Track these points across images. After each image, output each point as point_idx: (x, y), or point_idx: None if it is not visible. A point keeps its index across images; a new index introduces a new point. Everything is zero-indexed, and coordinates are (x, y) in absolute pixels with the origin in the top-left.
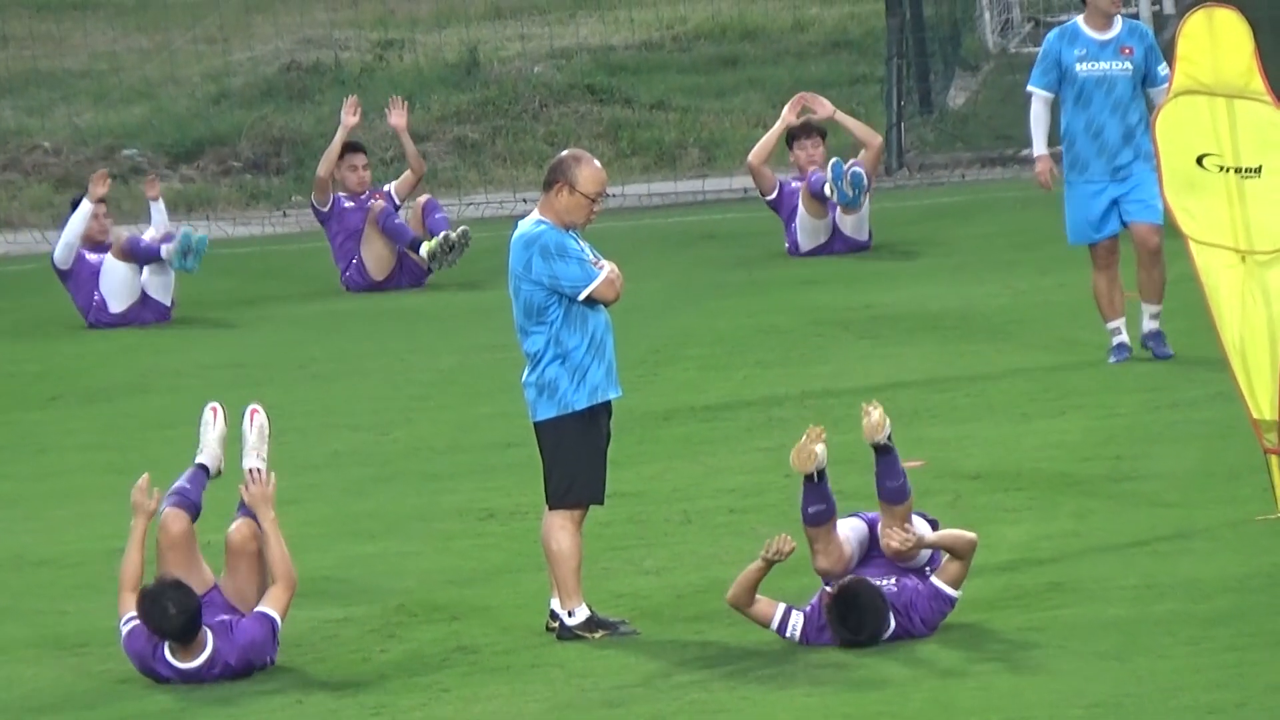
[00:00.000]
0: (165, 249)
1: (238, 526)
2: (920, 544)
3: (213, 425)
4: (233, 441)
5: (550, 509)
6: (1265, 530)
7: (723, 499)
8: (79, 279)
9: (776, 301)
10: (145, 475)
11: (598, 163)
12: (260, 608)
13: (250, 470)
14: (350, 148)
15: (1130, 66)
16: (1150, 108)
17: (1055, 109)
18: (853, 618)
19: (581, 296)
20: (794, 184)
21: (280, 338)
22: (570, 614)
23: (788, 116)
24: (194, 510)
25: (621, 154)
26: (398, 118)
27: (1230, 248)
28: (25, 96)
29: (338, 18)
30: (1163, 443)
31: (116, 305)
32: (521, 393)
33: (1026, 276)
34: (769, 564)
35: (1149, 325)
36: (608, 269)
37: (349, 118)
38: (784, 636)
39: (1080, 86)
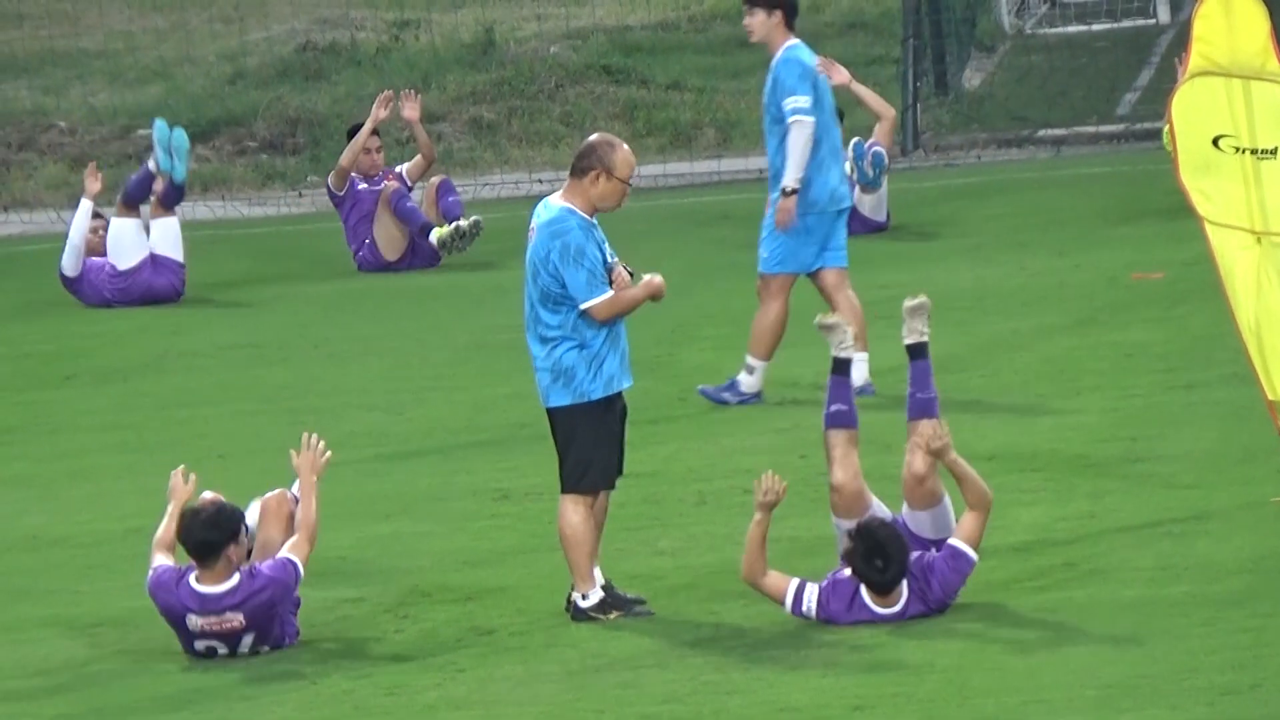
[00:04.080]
0: (150, 162)
1: (277, 492)
2: (949, 446)
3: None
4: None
5: (563, 493)
6: None
7: (737, 480)
8: (88, 280)
9: None
10: (182, 466)
11: (627, 146)
12: (283, 553)
13: (307, 435)
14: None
15: (765, 100)
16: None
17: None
18: (877, 552)
19: (579, 309)
20: None
21: (295, 318)
22: (584, 596)
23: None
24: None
25: (637, 134)
26: (411, 110)
27: (1246, 229)
28: (41, 76)
29: None
30: (1178, 424)
31: (125, 262)
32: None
33: (1042, 257)
34: (767, 510)
35: (740, 376)
36: (644, 285)
37: (380, 110)
38: (799, 612)
39: None
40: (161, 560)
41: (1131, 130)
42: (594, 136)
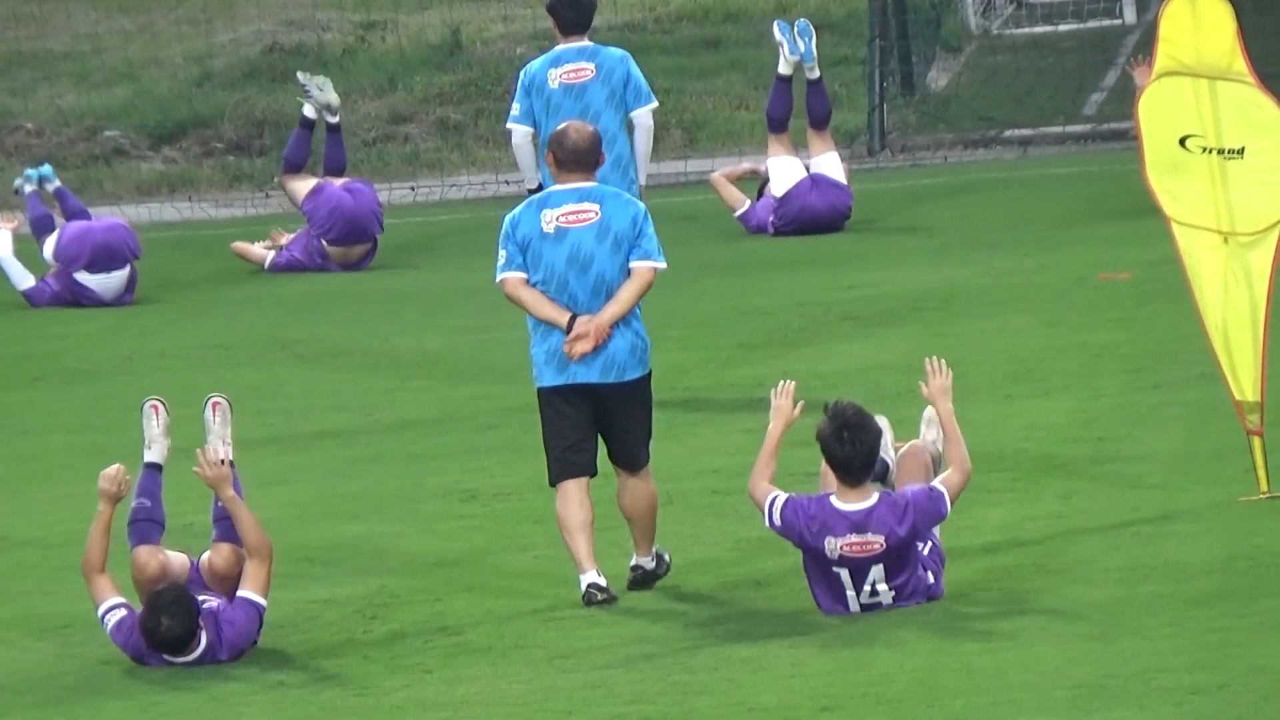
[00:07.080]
0: (17, 182)
1: (220, 552)
2: (948, 390)
3: (155, 420)
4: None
5: (642, 469)
6: (1248, 512)
7: (705, 480)
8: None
9: (759, 283)
10: (119, 466)
11: None
12: (243, 592)
13: (201, 451)
14: None
15: None
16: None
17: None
18: (845, 427)
19: (661, 265)
20: (761, 204)
21: (264, 319)
22: (655, 559)
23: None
24: (160, 530)
25: None
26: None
27: (1213, 229)
28: (8, 77)
29: None
30: (1146, 424)
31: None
32: (528, 361)
33: (1009, 257)
34: (783, 424)
35: None
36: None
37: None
38: (771, 522)
39: None
40: (109, 597)
41: (1098, 131)
42: (575, 129)
